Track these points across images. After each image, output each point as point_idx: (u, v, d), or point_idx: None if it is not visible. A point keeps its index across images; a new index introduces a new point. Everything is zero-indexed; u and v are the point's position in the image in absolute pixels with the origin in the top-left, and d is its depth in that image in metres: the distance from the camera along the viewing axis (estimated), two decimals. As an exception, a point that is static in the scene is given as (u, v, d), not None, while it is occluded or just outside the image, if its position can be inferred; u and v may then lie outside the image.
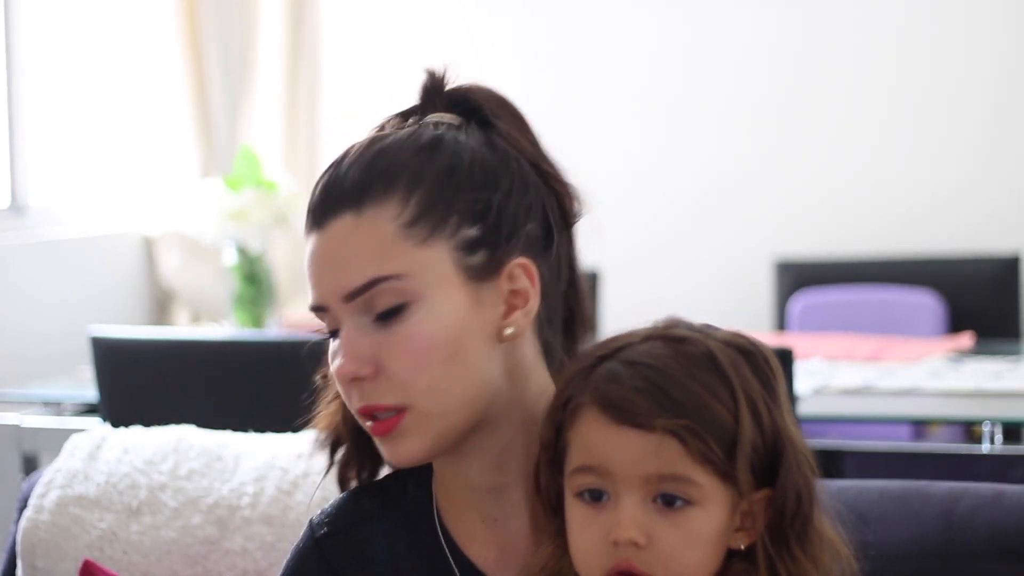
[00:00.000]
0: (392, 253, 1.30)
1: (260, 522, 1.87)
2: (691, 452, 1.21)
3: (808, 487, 1.26)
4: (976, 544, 1.61)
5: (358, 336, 1.31)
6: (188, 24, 4.41)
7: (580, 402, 1.25)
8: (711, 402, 1.22)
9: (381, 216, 1.31)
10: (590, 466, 1.24)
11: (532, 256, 1.36)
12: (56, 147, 4.28)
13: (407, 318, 1.30)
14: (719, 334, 1.29)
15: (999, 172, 4.59)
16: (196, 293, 4.40)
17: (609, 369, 1.25)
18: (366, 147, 1.35)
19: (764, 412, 1.24)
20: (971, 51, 4.60)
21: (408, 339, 1.30)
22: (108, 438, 2.00)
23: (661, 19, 4.82)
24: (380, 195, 1.31)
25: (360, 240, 1.30)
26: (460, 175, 1.34)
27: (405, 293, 1.30)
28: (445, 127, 1.37)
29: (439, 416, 1.31)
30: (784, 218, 4.73)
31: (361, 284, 1.30)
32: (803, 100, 4.73)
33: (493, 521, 1.37)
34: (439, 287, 1.31)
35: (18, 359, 3.79)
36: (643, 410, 1.21)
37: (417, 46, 4.90)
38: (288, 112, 4.61)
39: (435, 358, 1.30)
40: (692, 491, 1.21)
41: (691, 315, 1.32)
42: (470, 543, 1.37)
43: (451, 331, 1.30)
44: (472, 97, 1.40)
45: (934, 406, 3.08)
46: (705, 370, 1.24)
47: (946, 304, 4.08)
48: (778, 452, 1.25)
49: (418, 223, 1.31)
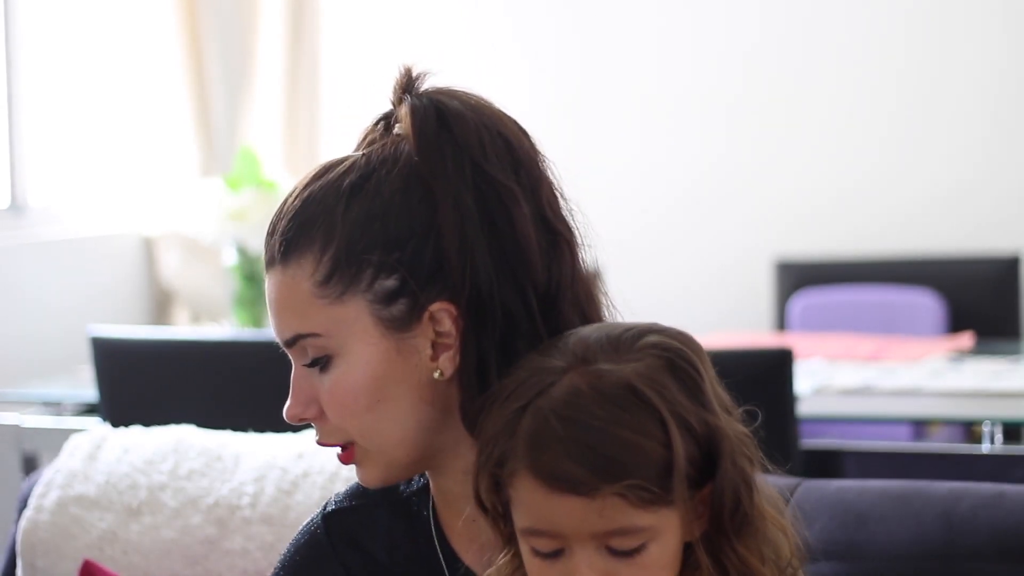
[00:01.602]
0: (309, 312, 1.33)
1: (260, 522, 1.87)
2: (634, 503, 1.20)
3: (745, 482, 1.25)
4: (977, 544, 1.61)
5: (302, 379, 1.36)
6: (188, 24, 4.41)
7: (514, 467, 1.23)
8: (644, 444, 1.21)
9: (300, 273, 1.34)
10: (539, 529, 1.23)
11: (455, 297, 1.32)
12: (56, 147, 4.27)
13: (331, 370, 1.34)
14: (640, 346, 1.26)
15: (999, 172, 4.59)
16: (196, 293, 4.40)
17: (535, 428, 1.22)
18: (301, 191, 1.36)
19: (694, 420, 1.23)
20: (971, 52, 4.60)
21: (332, 389, 1.34)
22: (108, 438, 2.00)
23: (663, 20, 4.82)
24: (301, 250, 1.34)
25: (285, 296, 1.35)
26: (374, 228, 1.32)
27: (326, 348, 1.34)
28: (401, 148, 1.35)
29: (379, 452, 1.36)
30: (785, 218, 4.73)
31: (288, 338, 1.35)
32: (804, 101, 4.73)
33: (472, 521, 1.38)
34: (358, 341, 1.33)
35: (18, 359, 3.79)
36: (582, 478, 1.20)
37: (418, 46, 4.89)
38: (288, 112, 4.60)
39: (359, 407, 1.34)
40: (642, 535, 1.22)
41: (691, 315, 1.32)
42: (458, 539, 1.40)
43: (371, 381, 1.34)
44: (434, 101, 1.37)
45: (934, 406, 3.08)
46: (630, 408, 1.22)
47: (946, 304, 4.08)
48: (714, 448, 1.24)
49: (331, 281, 1.33)
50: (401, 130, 1.37)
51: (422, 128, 1.35)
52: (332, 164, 1.37)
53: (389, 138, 1.38)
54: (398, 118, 1.38)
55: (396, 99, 1.39)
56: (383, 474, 1.38)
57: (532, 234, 1.35)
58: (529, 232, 1.35)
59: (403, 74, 1.39)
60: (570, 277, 1.39)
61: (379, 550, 1.42)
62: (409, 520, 1.42)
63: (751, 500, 1.25)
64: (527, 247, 1.34)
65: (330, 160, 1.39)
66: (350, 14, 4.98)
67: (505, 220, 1.34)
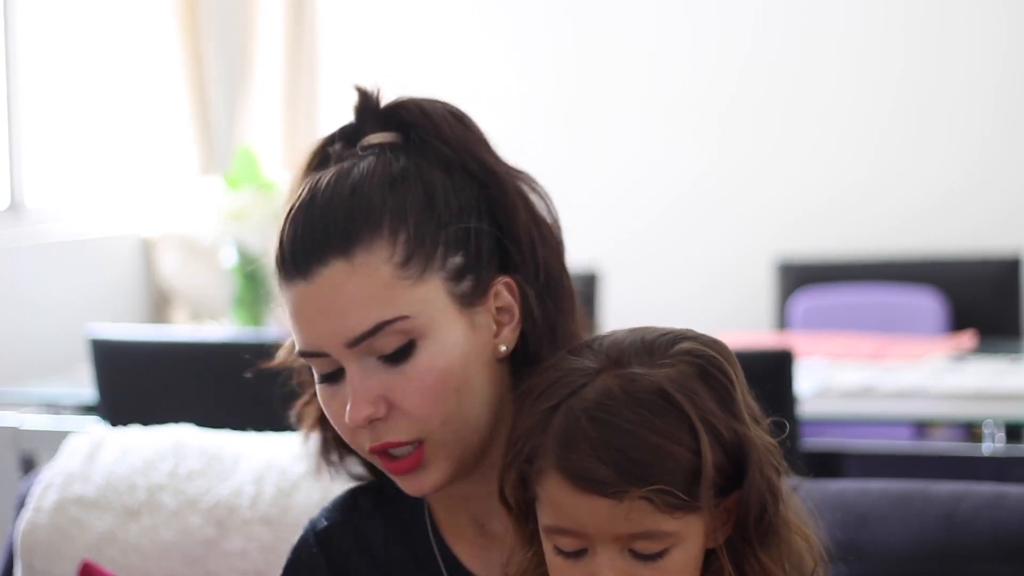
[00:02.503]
0: (393, 296, 1.29)
1: (259, 523, 1.86)
2: (660, 508, 1.21)
3: (772, 491, 1.26)
4: (978, 545, 1.61)
5: (366, 378, 1.30)
6: (188, 24, 4.41)
7: (543, 465, 1.24)
8: (673, 449, 1.21)
9: (373, 260, 1.30)
10: (564, 528, 1.24)
11: (513, 271, 1.36)
12: (55, 147, 4.28)
13: (415, 355, 1.30)
14: (674, 352, 1.26)
15: (1000, 173, 4.59)
16: (195, 293, 4.40)
17: (565, 427, 1.23)
18: (335, 185, 1.33)
19: (724, 428, 1.23)
20: (972, 52, 4.60)
21: (419, 376, 1.30)
22: (107, 439, 1.99)
23: (662, 20, 4.82)
24: (367, 237, 1.30)
25: (357, 287, 1.29)
26: (438, 205, 1.33)
27: (411, 332, 1.30)
28: (396, 152, 1.35)
29: (455, 443, 1.32)
30: (785, 218, 4.72)
31: (366, 330, 1.29)
32: (804, 101, 4.73)
33: (480, 525, 1.39)
34: (441, 320, 1.31)
35: (17, 359, 3.79)
36: (610, 480, 1.20)
37: (417, 46, 4.89)
38: (287, 112, 4.61)
39: (446, 390, 1.31)
40: (667, 540, 1.22)
41: (692, 315, 1.31)
42: (460, 544, 1.40)
43: (457, 361, 1.31)
44: (407, 111, 1.38)
45: (935, 407, 3.08)
46: (661, 413, 1.22)
47: (947, 304, 4.08)
48: (742, 457, 1.24)
49: (411, 261, 1.31)
50: (382, 140, 1.37)
51: (443, 120, 1.37)
52: (342, 166, 1.35)
53: (374, 148, 1.37)
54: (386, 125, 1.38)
55: (372, 116, 1.39)
56: (452, 470, 1.33)
57: (547, 219, 1.41)
58: (545, 216, 1.40)
59: (371, 95, 1.40)
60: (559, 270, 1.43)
61: (377, 563, 1.40)
62: (404, 528, 1.41)
63: (776, 510, 1.26)
64: (550, 227, 1.40)
65: (335, 168, 1.35)
66: (349, 14, 4.98)
67: (529, 202, 1.39)
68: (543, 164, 1.66)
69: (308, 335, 1.31)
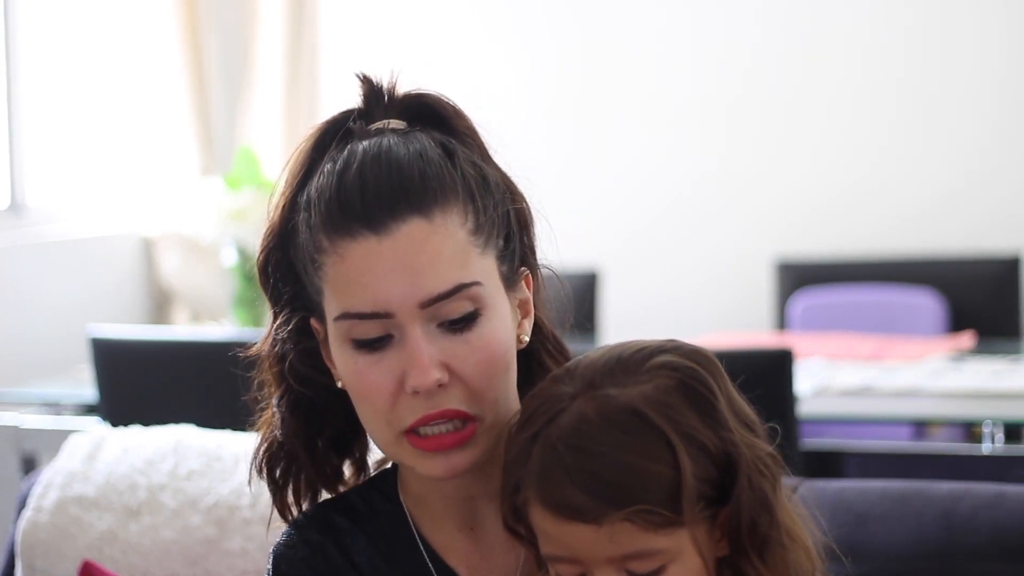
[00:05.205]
0: (469, 260, 1.27)
1: (259, 523, 1.86)
2: (645, 527, 1.20)
3: (763, 501, 1.24)
4: (977, 544, 1.61)
5: (429, 343, 1.26)
6: (188, 24, 4.41)
7: (527, 496, 1.24)
8: (651, 468, 1.20)
9: (451, 222, 1.26)
10: (558, 555, 1.24)
11: (528, 264, 1.36)
12: (55, 147, 4.28)
13: (478, 326, 1.27)
14: (650, 367, 1.25)
15: (1000, 173, 4.59)
16: (196, 293, 4.40)
17: (543, 456, 1.22)
18: (402, 147, 1.29)
19: (708, 440, 1.22)
20: (972, 53, 4.60)
21: (482, 347, 1.27)
22: (107, 438, 1.99)
23: (663, 21, 4.82)
24: (444, 201, 1.26)
25: (438, 246, 1.25)
26: (490, 184, 1.32)
27: (478, 300, 1.27)
28: (412, 135, 1.33)
29: (494, 427, 1.29)
30: (785, 218, 4.72)
31: (445, 291, 1.25)
32: (804, 102, 4.73)
33: (470, 530, 1.36)
34: (496, 296, 1.29)
35: (17, 359, 3.79)
36: (587, 506, 1.20)
37: (418, 47, 4.89)
38: (287, 112, 4.61)
39: (500, 367, 1.29)
40: (659, 557, 1.22)
41: (692, 315, 1.31)
42: (450, 552, 1.35)
43: (509, 340, 1.30)
44: (428, 103, 1.37)
45: (935, 406, 3.08)
46: (636, 432, 1.21)
47: (947, 304, 4.08)
48: (732, 465, 1.23)
49: (479, 231, 1.28)
50: (398, 125, 1.35)
51: (457, 115, 1.36)
52: (383, 141, 1.31)
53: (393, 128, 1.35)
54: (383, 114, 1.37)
55: (383, 100, 1.39)
56: (482, 455, 1.29)
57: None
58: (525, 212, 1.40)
59: (388, 81, 1.41)
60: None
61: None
62: (387, 541, 1.36)
63: (771, 520, 1.24)
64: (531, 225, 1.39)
65: (390, 135, 1.32)
66: (349, 14, 4.98)
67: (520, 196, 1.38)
68: (543, 164, 1.66)
69: (375, 293, 1.25)
